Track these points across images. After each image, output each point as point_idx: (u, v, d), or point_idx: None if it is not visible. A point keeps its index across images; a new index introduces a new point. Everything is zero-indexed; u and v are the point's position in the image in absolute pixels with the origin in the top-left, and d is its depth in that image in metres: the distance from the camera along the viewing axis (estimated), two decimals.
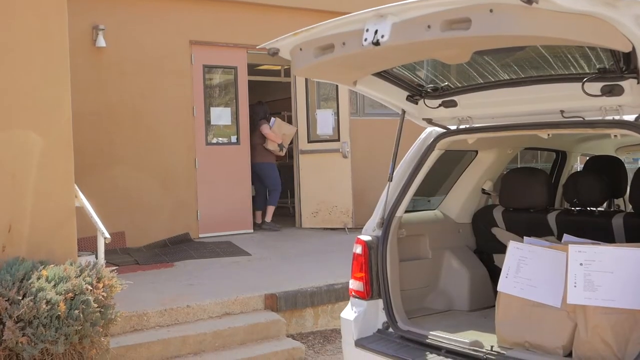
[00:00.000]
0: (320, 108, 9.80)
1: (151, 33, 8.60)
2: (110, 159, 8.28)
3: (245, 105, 9.45)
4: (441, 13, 2.44)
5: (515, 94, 3.30)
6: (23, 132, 4.70)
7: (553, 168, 5.16)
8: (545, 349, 3.04)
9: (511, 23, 2.29)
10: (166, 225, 8.64)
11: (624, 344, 2.83)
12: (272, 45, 3.12)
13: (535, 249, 3.18)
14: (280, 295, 5.96)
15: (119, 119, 8.38)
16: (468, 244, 4.31)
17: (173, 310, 5.51)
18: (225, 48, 9.21)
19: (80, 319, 4.14)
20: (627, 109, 2.94)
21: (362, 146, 9.88)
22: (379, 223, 3.71)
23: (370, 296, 3.60)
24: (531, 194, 3.93)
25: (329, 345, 5.80)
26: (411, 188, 3.72)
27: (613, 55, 2.76)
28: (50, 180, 4.78)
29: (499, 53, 3.00)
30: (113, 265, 6.51)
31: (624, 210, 4.72)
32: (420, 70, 3.55)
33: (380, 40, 2.60)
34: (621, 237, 3.54)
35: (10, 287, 4.07)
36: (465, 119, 3.58)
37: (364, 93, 3.65)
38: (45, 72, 4.80)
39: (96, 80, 8.20)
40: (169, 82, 8.73)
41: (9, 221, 4.60)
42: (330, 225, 9.53)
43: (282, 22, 8.85)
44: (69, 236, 4.86)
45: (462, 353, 3.09)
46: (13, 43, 4.69)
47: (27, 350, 3.97)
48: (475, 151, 4.25)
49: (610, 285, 2.84)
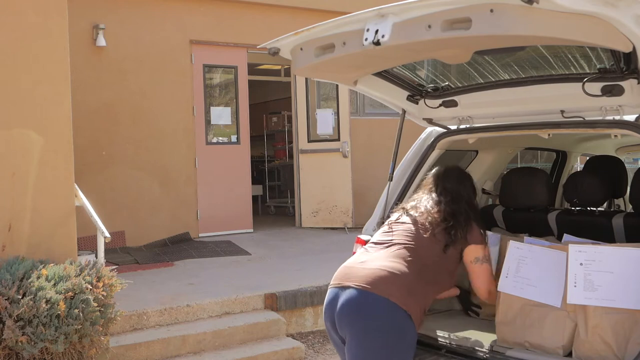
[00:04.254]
0: (320, 108, 9.80)
1: (151, 32, 8.60)
2: (110, 158, 8.29)
3: (245, 105, 9.45)
4: (442, 13, 2.44)
5: (515, 94, 3.30)
6: (23, 131, 4.70)
7: (553, 168, 5.16)
8: (545, 349, 3.04)
9: (511, 23, 2.29)
10: (166, 224, 8.65)
11: (624, 344, 2.82)
12: (272, 44, 3.12)
13: (535, 249, 3.18)
14: (280, 294, 5.96)
15: (119, 118, 8.38)
16: None
17: (173, 310, 5.51)
18: (225, 47, 9.22)
19: (80, 318, 4.14)
20: (627, 109, 2.94)
21: (362, 146, 9.89)
22: (379, 223, 3.71)
23: None
24: (531, 193, 3.93)
25: (329, 345, 5.80)
26: (411, 188, 3.72)
27: (613, 55, 2.76)
28: (50, 179, 4.78)
29: (499, 53, 3.00)
30: (113, 265, 6.52)
31: (624, 210, 4.72)
32: (420, 70, 3.56)
33: (381, 40, 2.60)
34: (621, 237, 3.54)
35: (10, 286, 4.07)
36: (465, 119, 3.58)
37: (365, 93, 3.65)
38: (45, 71, 4.80)
39: (96, 79, 8.20)
40: (169, 81, 8.73)
41: (9, 220, 4.60)
42: (330, 225, 9.53)
43: (283, 22, 8.86)
44: (69, 235, 4.86)
45: (462, 353, 3.09)
46: (13, 42, 4.70)
47: (26, 349, 3.97)
48: (476, 151, 4.25)
49: (611, 285, 2.84)
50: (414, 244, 2.97)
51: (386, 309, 2.76)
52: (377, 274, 2.84)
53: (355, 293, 2.80)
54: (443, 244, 2.98)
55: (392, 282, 2.81)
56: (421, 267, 2.91)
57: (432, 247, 2.98)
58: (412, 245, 2.97)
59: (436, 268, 2.98)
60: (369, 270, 2.87)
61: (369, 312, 2.78)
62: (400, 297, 2.77)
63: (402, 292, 2.79)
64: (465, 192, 3.22)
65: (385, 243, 3.04)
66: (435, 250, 2.98)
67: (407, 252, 2.94)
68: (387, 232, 3.10)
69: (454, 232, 3.00)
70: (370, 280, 2.81)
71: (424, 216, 3.07)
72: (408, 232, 3.03)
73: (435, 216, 3.04)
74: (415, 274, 2.87)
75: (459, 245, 3.03)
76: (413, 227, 3.04)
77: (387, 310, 2.76)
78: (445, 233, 3.00)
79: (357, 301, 2.79)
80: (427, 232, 2.99)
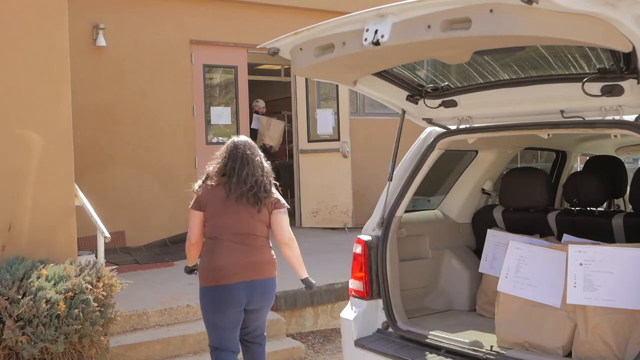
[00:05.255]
0: (320, 108, 9.80)
1: (151, 32, 8.60)
2: (110, 158, 8.28)
3: (245, 105, 9.44)
4: (441, 13, 2.44)
5: (515, 94, 3.30)
6: (23, 131, 4.70)
7: (553, 168, 5.16)
8: (545, 349, 3.04)
9: (511, 23, 2.29)
10: (166, 224, 8.63)
11: (623, 344, 2.83)
12: (272, 44, 3.13)
13: (535, 249, 3.18)
14: (280, 294, 5.96)
15: (119, 118, 8.38)
16: (468, 244, 4.31)
17: (173, 310, 5.51)
18: (225, 47, 9.21)
19: (80, 318, 4.14)
20: (627, 109, 2.94)
21: (362, 146, 9.88)
22: (378, 223, 3.71)
23: (370, 296, 3.60)
24: (531, 193, 3.93)
25: (329, 345, 5.80)
26: (411, 188, 3.72)
27: (613, 55, 2.76)
28: (50, 179, 4.78)
29: (499, 53, 3.00)
30: (113, 265, 6.51)
31: (624, 210, 4.72)
32: (420, 70, 3.55)
33: (381, 40, 2.60)
34: (621, 237, 3.54)
35: (10, 286, 4.07)
36: (465, 119, 3.58)
37: (364, 93, 3.65)
38: (45, 71, 4.80)
39: (96, 79, 8.19)
40: (169, 81, 8.73)
41: (9, 220, 4.60)
42: (330, 225, 9.52)
43: (283, 22, 8.85)
44: (69, 235, 4.86)
45: (461, 353, 3.09)
46: (13, 42, 4.70)
47: (26, 349, 3.97)
48: (475, 151, 4.25)
49: (610, 285, 2.84)
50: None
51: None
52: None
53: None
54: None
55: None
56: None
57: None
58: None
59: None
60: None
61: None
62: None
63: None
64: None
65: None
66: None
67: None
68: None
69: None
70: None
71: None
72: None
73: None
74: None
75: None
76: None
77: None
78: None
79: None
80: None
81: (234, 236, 3.81)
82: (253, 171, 3.89)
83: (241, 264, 3.79)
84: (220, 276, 3.77)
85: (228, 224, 3.83)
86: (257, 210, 3.82)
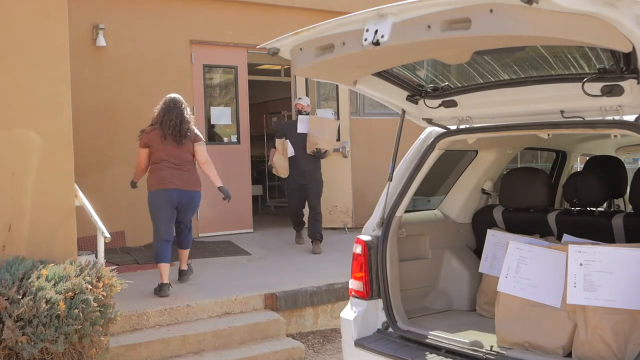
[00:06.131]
0: (320, 108, 9.79)
1: (151, 32, 8.60)
2: (110, 158, 8.28)
3: (245, 105, 9.44)
4: (441, 13, 2.44)
5: (515, 94, 3.30)
6: (23, 131, 4.70)
7: (553, 168, 5.16)
8: (545, 349, 3.04)
9: (511, 23, 2.29)
10: None
11: (623, 344, 2.83)
12: (272, 45, 3.12)
13: (535, 249, 3.18)
14: (280, 294, 5.97)
15: (119, 118, 8.37)
16: (468, 244, 4.31)
17: (173, 310, 5.52)
18: (225, 47, 9.21)
19: (80, 318, 4.14)
20: (627, 109, 2.94)
21: (362, 146, 9.88)
22: (378, 223, 3.71)
23: (370, 296, 3.60)
24: (531, 194, 3.93)
25: (329, 345, 5.80)
26: (411, 188, 3.72)
27: (613, 55, 2.76)
28: (50, 179, 4.78)
29: (499, 53, 3.00)
30: (113, 265, 6.52)
31: (624, 210, 4.72)
32: (420, 70, 3.55)
33: (380, 40, 2.60)
34: (621, 237, 3.54)
35: (10, 286, 4.07)
36: (465, 119, 3.58)
37: (364, 93, 3.65)
38: (45, 71, 4.80)
39: (96, 79, 8.19)
40: (169, 81, 8.71)
41: (9, 220, 4.60)
42: (330, 225, 9.52)
43: (283, 22, 8.85)
44: (69, 235, 4.86)
45: (461, 353, 3.09)
46: (13, 42, 4.70)
47: (26, 349, 3.97)
48: (475, 151, 4.25)
49: (610, 285, 2.84)
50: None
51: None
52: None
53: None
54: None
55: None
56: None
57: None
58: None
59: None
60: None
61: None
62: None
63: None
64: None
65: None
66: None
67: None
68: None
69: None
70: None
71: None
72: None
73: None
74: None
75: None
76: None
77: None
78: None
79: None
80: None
81: (170, 161, 5.90)
82: (181, 118, 5.93)
83: (175, 177, 5.89)
84: (162, 183, 5.88)
85: (166, 153, 5.90)
86: (183, 143, 5.93)
